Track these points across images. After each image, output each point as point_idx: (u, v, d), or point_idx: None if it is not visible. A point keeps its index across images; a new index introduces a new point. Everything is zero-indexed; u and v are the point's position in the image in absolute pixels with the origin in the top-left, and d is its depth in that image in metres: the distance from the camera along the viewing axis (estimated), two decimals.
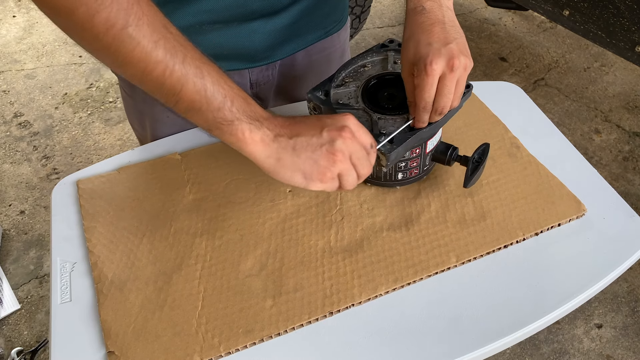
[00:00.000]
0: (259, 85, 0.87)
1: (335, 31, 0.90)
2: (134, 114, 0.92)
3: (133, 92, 0.88)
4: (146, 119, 0.89)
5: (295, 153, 0.55)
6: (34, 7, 2.71)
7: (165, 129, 0.88)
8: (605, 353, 1.50)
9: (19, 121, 2.15)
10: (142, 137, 0.94)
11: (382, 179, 0.74)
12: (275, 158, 0.55)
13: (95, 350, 0.60)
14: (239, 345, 0.60)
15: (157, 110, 0.86)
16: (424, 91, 0.61)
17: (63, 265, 0.68)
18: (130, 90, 0.88)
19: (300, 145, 0.55)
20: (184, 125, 0.87)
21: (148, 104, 0.86)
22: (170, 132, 0.87)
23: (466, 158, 0.71)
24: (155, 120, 0.88)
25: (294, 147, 0.55)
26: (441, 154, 0.72)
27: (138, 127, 0.93)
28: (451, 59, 0.59)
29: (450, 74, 0.59)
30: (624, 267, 0.68)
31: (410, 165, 0.71)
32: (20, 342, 1.50)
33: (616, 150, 2.02)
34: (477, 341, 0.61)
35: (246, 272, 0.66)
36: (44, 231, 1.76)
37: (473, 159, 0.70)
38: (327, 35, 0.88)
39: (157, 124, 0.88)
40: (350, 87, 0.73)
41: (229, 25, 0.75)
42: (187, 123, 0.86)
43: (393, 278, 0.65)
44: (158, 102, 0.86)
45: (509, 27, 2.60)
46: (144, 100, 0.87)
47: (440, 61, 0.59)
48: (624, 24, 1.57)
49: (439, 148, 0.73)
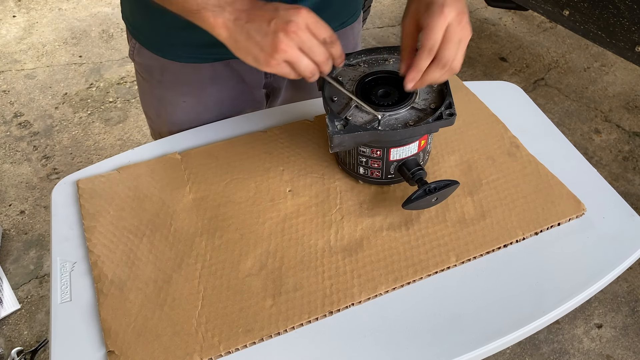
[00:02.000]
0: (273, 74, 0.89)
1: (350, 23, 0.91)
2: (149, 100, 0.93)
3: (150, 77, 0.88)
4: (162, 104, 0.90)
5: (248, 37, 0.60)
6: (34, 7, 2.71)
7: (182, 115, 0.89)
8: (605, 353, 1.50)
9: (19, 121, 2.15)
10: (156, 126, 0.95)
11: (347, 166, 0.75)
12: (233, 39, 0.61)
13: (95, 349, 0.60)
14: (239, 344, 0.60)
15: (174, 94, 0.87)
16: (435, 30, 0.60)
17: (63, 265, 0.68)
18: (147, 74, 0.89)
19: (253, 30, 0.60)
20: (200, 111, 0.88)
21: (165, 88, 0.88)
22: (186, 118, 0.89)
23: (424, 182, 0.69)
24: (173, 106, 0.89)
25: (248, 32, 0.60)
26: (406, 169, 0.70)
27: (153, 114, 0.94)
28: (461, 13, 0.61)
29: (458, 25, 0.61)
30: (624, 266, 0.68)
31: (372, 164, 0.71)
32: (20, 342, 1.50)
33: (616, 150, 2.02)
34: (477, 340, 0.61)
35: (246, 272, 0.66)
36: (44, 231, 1.76)
37: (429, 187, 0.68)
38: (341, 26, 0.89)
39: (175, 109, 0.89)
40: (358, 71, 0.73)
41: None
42: (204, 107, 0.88)
43: (393, 277, 0.65)
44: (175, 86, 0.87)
45: (509, 27, 2.60)
46: (160, 85, 0.88)
47: (453, 8, 0.60)
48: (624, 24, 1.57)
49: (408, 163, 0.71)
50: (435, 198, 0.68)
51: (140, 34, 0.85)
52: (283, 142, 0.82)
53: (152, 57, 0.85)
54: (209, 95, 0.88)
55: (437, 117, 0.67)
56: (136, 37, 0.86)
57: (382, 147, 0.69)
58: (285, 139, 0.82)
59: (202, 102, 0.88)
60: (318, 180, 0.76)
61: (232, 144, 0.82)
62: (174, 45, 0.82)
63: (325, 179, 0.77)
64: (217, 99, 0.89)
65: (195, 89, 0.87)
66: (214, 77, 0.86)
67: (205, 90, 0.87)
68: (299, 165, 0.78)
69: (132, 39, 0.87)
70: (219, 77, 0.86)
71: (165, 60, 0.84)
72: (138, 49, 0.86)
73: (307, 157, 0.79)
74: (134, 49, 0.88)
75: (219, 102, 0.89)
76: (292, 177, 0.77)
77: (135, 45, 0.87)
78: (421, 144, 0.71)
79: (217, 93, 0.88)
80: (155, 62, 0.85)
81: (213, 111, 0.89)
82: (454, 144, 0.82)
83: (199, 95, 0.87)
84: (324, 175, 0.77)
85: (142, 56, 0.87)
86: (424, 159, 0.74)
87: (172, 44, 0.82)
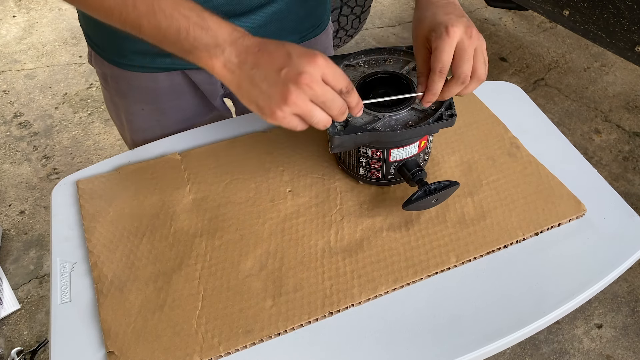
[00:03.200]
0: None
1: (313, 36, 0.88)
2: (111, 107, 0.92)
3: (107, 84, 0.87)
4: (121, 112, 0.88)
5: (253, 84, 0.55)
6: (34, 7, 2.71)
7: (142, 122, 0.87)
8: (605, 353, 1.50)
9: (19, 121, 2.15)
10: (122, 132, 0.93)
11: (347, 167, 0.75)
12: (236, 84, 0.56)
13: (95, 350, 0.60)
14: (239, 345, 0.60)
15: (130, 102, 0.85)
16: (443, 52, 0.60)
17: (63, 265, 0.68)
18: (104, 81, 0.87)
19: (258, 78, 0.55)
20: (160, 118, 0.87)
21: (121, 96, 0.86)
22: (147, 125, 0.87)
23: (424, 183, 0.69)
24: (129, 113, 0.87)
25: (253, 78, 0.55)
26: (406, 170, 0.70)
27: (116, 119, 0.92)
28: (469, 27, 0.61)
29: (469, 40, 0.60)
30: (624, 267, 0.68)
31: (372, 165, 0.71)
32: (20, 342, 1.50)
33: (616, 150, 2.02)
34: (477, 341, 0.61)
35: (246, 272, 0.66)
36: (44, 231, 1.76)
37: (429, 187, 0.68)
38: (302, 40, 0.87)
39: (134, 117, 0.87)
40: (358, 71, 0.73)
41: None
42: (164, 116, 0.86)
43: (393, 278, 0.65)
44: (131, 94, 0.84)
45: (509, 27, 2.60)
46: (117, 92, 0.86)
47: (460, 26, 0.60)
48: (624, 24, 1.57)
49: (408, 164, 0.71)
50: (435, 199, 0.68)
51: (93, 42, 0.83)
52: (283, 142, 0.82)
53: (107, 65, 0.83)
54: (166, 103, 0.85)
55: (437, 118, 0.66)
56: (90, 45, 0.84)
57: (382, 148, 0.69)
58: (285, 139, 0.82)
59: (161, 110, 0.86)
60: (318, 181, 0.76)
61: (232, 144, 0.82)
62: (126, 55, 0.80)
63: (326, 180, 0.77)
64: (176, 107, 0.86)
65: (152, 98, 0.85)
66: (170, 86, 0.84)
67: (162, 98, 0.85)
68: (299, 166, 0.78)
69: (88, 46, 0.85)
70: (175, 86, 0.84)
71: (119, 69, 0.82)
72: (94, 56, 0.85)
73: (307, 158, 0.79)
74: (91, 56, 0.86)
75: (179, 111, 0.87)
76: (292, 177, 0.77)
77: (92, 53, 0.85)
78: (421, 145, 0.71)
79: (175, 101, 0.86)
80: (109, 71, 0.83)
81: (174, 119, 0.87)
82: (454, 144, 0.81)
83: (157, 103, 0.85)
84: (324, 176, 0.77)
85: (97, 64, 0.85)
86: (424, 159, 0.74)
87: (125, 54, 0.80)
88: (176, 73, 0.82)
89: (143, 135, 0.88)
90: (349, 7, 2.11)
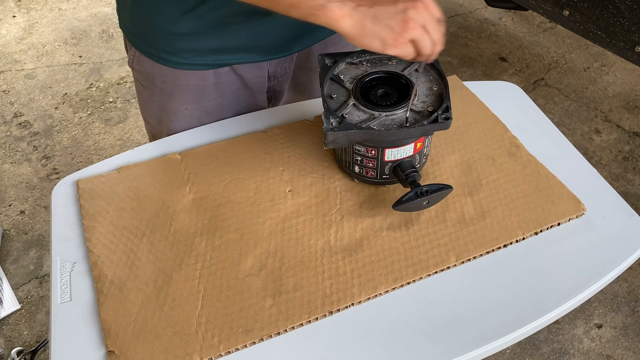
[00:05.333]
0: (276, 77, 0.89)
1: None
2: (150, 107, 0.92)
3: (151, 85, 0.87)
4: (164, 112, 0.89)
5: (375, 20, 0.61)
6: (34, 7, 2.71)
7: (183, 123, 0.88)
8: (605, 353, 1.50)
9: (19, 121, 2.15)
10: (156, 132, 0.94)
11: (343, 164, 0.75)
12: (359, 26, 0.61)
13: (95, 349, 0.60)
14: (239, 344, 0.60)
15: (176, 102, 0.86)
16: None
17: (63, 265, 0.68)
18: (148, 82, 0.87)
19: (379, 13, 0.61)
20: (201, 118, 0.88)
21: (166, 95, 0.86)
22: (187, 124, 0.88)
23: (417, 185, 0.69)
24: (173, 113, 0.88)
25: (374, 15, 0.61)
26: (400, 170, 0.71)
27: (153, 120, 0.93)
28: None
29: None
30: (624, 266, 0.68)
31: (367, 164, 0.72)
32: (20, 342, 1.50)
33: (616, 150, 2.02)
34: (476, 340, 0.61)
35: (246, 272, 0.66)
36: (44, 231, 1.76)
37: (420, 189, 0.68)
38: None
39: (177, 117, 0.88)
40: (360, 69, 0.73)
41: (251, 19, 0.76)
42: (206, 115, 0.87)
43: (393, 277, 0.65)
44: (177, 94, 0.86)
45: (509, 27, 2.60)
46: (162, 92, 0.86)
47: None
48: (624, 24, 1.57)
49: (403, 164, 0.71)
50: (426, 201, 0.68)
51: (141, 42, 0.83)
52: (283, 142, 0.82)
53: (154, 65, 0.83)
54: (211, 101, 0.87)
55: (432, 120, 0.66)
56: (136, 46, 0.84)
57: (377, 147, 0.69)
58: (285, 139, 0.82)
59: (204, 108, 0.87)
60: (318, 181, 0.76)
61: (232, 144, 0.82)
62: (176, 53, 0.81)
63: (325, 179, 0.77)
64: (219, 104, 0.88)
65: (198, 96, 0.86)
66: (217, 83, 0.85)
67: (208, 96, 0.86)
68: (299, 166, 0.78)
69: (131, 47, 0.85)
70: (222, 83, 0.85)
71: (167, 68, 0.83)
72: (138, 57, 0.85)
73: (307, 157, 0.79)
74: (134, 57, 0.86)
75: (221, 108, 0.88)
76: (292, 177, 0.77)
77: (135, 54, 0.85)
78: (417, 147, 0.71)
79: (219, 98, 0.87)
80: (156, 71, 0.84)
81: (215, 116, 0.88)
82: (454, 144, 0.82)
83: (201, 102, 0.87)
84: (324, 176, 0.77)
85: (142, 64, 0.85)
86: (420, 161, 0.74)
87: (175, 52, 0.81)
88: (225, 69, 0.84)
89: (179, 132, 0.88)
90: None
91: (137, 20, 0.81)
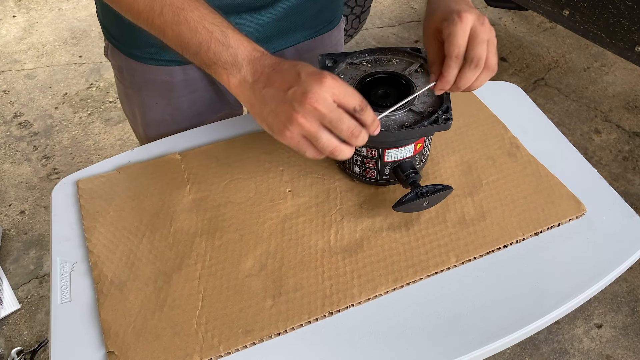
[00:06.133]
0: None
1: (326, 31, 0.89)
2: (124, 100, 0.92)
3: (122, 77, 0.87)
4: (135, 105, 0.89)
5: (264, 103, 0.56)
6: (34, 7, 2.71)
7: (155, 116, 0.87)
8: (605, 353, 1.50)
9: (19, 121, 2.15)
10: (134, 125, 0.94)
11: (343, 164, 0.75)
12: (249, 103, 0.58)
13: (95, 350, 0.60)
14: (239, 345, 0.60)
15: (144, 96, 0.86)
16: (457, 37, 0.59)
17: (63, 265, 0.68)
18: (120, 74, 0.88)
19: (268, 97, 0.55)
20: (173, 112, 0.87)
21: (135, 89, 0.86)
22: (159, 118, 0.87)
23: (417, 185, 0.69)
24: (143, 107, 0.88)
25: (264, 97, 0.56)
26: (401, 171, 0.70)
27: (129, 114, 0.93)
28: (481, 16, 0.60)
29: (482, 26, 0.60)
30: (624, 267, 0.68)
31: (367, 164, 0.71)
32: (20, 342, 1.50)
33: (616, 150, 2.02)
34: (477, 341, 0.61)
35: (246, 272, 0.66)
36: (44, 231, 1.76)
37: (421, 190, 0.67)
38: (316, 34, 0.88)
39: (146, 110, 0.88)
40: (360, 70, 0.73)
41: None
42: (177, 110, 0.87)
43: (393, 278, 0.65)
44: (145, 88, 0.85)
45: (509, 27, 2.60)
46: (132, 85, 0.86)
47: (472, 12, 0.60)
48: (624, 24, 1.57)
49: (403, 165, 0.71)
50: (427, 202, 0.68)
51: (110, 35, 0.84)
52: None
53: (123, 58, 0.84)
54: (180, 97, 0.86)
55: (432, 120, 0.66)
56: (107, 37, 0.85)
57: (377, 148, 0.69)
58: None
59: (174, 104, 0.87)
60: (318, 181, 0.76)
61: (232, 144, 0.82)
62: (143, 48, 0.80)
63: (325, 179, 0.77)
64: (190, 101, 0.87)
65: (166, 91, 0.85)
66: (185, 80, 0.84)
67: (177, 92, 0.85)
68: (299, 166, 0.78)
69: (105, 39, 0.86)
70: (190, 80, 0.84)
71: (135, 62, 0.83)
72: (111, 49, 0.86)
73: (307, 158, 0.79)
74: (107, 49, 0.87)
75: (193, 105, 0.87)
76: (292, 177, 0.77)
77: (108, 45, 0.86)
78: (417, 147, 0.71)
79: (189, 95, 0.86)
80: (125, 63, 0.84)
81: (187, 113, 0.88)
82: (454, 144, 0.82)
83: (171, 97, 0.86)
84: (324, 176, 0.77)
85: (114, 57, 0.86)
86: (421, 162, 0.74)
87: (142, 46, 0.80)
88: (192, 67, 0.83)
89: (156, 130, 0.88)
90: (348, 7, 2.11)
91: (107, 12, 0.82)
